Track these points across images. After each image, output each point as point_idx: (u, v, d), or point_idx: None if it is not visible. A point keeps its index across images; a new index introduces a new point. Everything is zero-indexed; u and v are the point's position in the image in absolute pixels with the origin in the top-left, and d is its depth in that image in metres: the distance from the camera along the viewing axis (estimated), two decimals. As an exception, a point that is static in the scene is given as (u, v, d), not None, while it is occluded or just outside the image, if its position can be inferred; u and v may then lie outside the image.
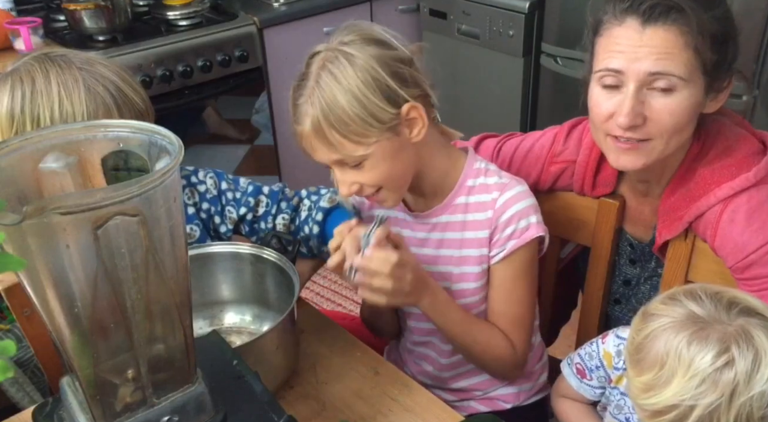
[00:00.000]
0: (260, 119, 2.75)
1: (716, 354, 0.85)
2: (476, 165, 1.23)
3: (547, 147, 1.35)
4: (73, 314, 0.70)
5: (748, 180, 1.11)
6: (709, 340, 0.86)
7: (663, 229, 1.20)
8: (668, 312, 0.92)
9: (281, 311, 1.11)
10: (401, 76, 1.09)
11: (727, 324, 0.88)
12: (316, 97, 1.07)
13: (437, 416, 1.10)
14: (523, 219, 1.18)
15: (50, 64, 1.13)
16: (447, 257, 1.25)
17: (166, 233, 0.71)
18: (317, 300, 2.77)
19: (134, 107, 1.17)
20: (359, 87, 1.06)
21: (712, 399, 0.85)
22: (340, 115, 1.06)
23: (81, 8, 2.33)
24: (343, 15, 2.74)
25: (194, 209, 1.32)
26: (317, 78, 1.08)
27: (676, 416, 0.88)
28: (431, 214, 1.24)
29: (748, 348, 0.85)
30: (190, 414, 0.81)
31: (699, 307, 0.90)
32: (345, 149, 1.09)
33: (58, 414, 0.86)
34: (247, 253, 1.21)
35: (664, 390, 0.88)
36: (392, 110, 1.08)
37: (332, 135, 1.08)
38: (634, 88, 1.07)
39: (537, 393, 1.38)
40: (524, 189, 1.21)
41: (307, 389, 1.15)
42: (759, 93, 2.15)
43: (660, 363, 0.89)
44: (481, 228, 1.21)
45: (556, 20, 2.56)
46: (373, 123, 1.07)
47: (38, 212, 0.62)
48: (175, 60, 2.41)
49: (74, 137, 0.76)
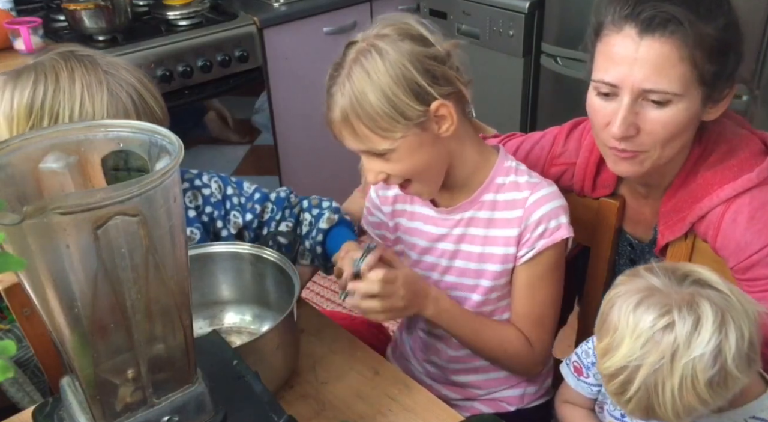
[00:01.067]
0: (260, 119, 2.75)
1: (657, 316, 0.91)
2: (507, 163, 1.23)
3: (547, 149, 1.35)
4: (73, 314, 0.70)
5: (750, 181, 1.11)
6: (653, 304, 0.92)
7: (665, 230, 1.20)
8: (627, 284, 0.98)
9: (281, 311, 1.11)
10: (433, 73, 1.10)
11: (676, 291, 0.93)
12: (347, 89, 1.09)
13: (437, 416, 1.09)
14: (554, 219, 1.19)
15: (76, 64, 1.13)
16: (467, 253, 1.25)
17: (166, 233, 0.71)
18: (317, 300, 2.77)
19: (153, 116, 1.18)
20: (389, 84, 1.07)
21: (654, 359, 0.90)
22: (368, 110, 1.08)
23: (81, 8, 2.33)
24: (343, 15, 2.74)
25: (196, 212, 1.31)
26: (350, 70, 1.10)
27: (625, 377, 0.93)
28: (457, 209, 1.24)
29: (689, 313, 0.90)
30: (190, 414, 0.81)
31: (655, 278, 0.96)
32: (371, 141, 1.11)
33: (58, 414, 0.86)
34: (247, 253, 1.21)
35: (616, 353, 0.93)
36: (420, 107, 1.09)
37: (359, 127, 1.10)
38: (627, 100, 1.07)
39: (541, 396, 1.38)
40: (555, 190, 1.21)
41: (307, 389, 1.15)
42: (759, 93, 2.15)
43: (614, 327, 0.95)
44: (509, 226, 1.21)
45: (556, 20, 2.57)
46: (399, 120, 1.09)
47: (38, 212, 0.62)
48: (175, 60, 2.41)
49: (74, 137, 0.76)
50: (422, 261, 1.30)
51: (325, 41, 2.75)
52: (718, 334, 0.89)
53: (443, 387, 1.36)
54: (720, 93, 1.11)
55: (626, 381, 0.93)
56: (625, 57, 1.07)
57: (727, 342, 0.89)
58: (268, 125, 2.76)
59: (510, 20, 2.66)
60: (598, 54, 1.12)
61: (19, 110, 1.11)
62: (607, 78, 1.09)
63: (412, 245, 1.30)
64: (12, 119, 1.11)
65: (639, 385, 0.91)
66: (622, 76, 1.07)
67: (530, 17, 2.62)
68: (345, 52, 1.13)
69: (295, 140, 2.84)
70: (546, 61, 2.63)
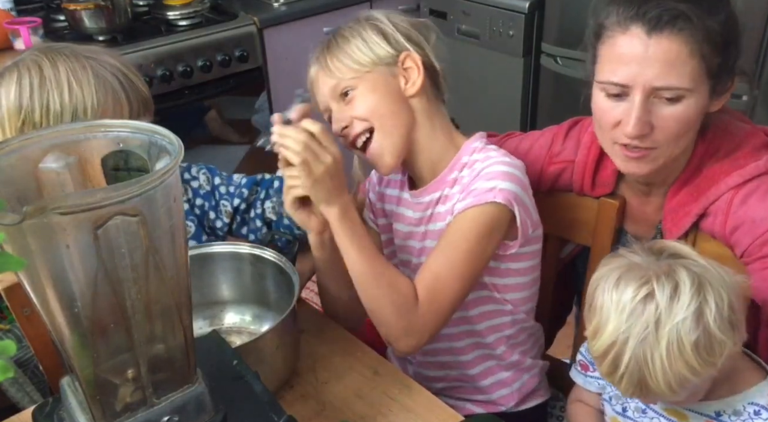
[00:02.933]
0: (260, 119, 2.74)
1: (637, 288, 0.94)
2: (474, 144, 1.22)
3: (546, 148, 1.35)
4: (73, 314, 0.70)
5: (758, 168, 1.12)
6: (632, 278, 0.96)
7: (672, 227, 1.20)
8: (608, 264, 1.01)
9: (281, 311, 1.11)
10: (407, 34, 1.20)
11: (654, 264, 0.97)
12: (325, 40, 1.22)
13: (437, 416, 1.09)
14: (491, 181, 1.13)
15: (56, 54, 1.14)
16: (435, 232, 1.24)
17: (166, 233, 0.71)
18: (317, 300, 2.76)
19: (140, 94, 1.19)
20: (364, 30, 1.20)
21: (639, 330, 0.93)
22: (341, 43, 1.20)
23: (81, 8, 2.33)
24: (343, 15, 2.74)
25: (188, 205, 1.33)
26: (333, 33, 1.23)
27: (615, 353, 0.95)
28: (425, 191, 1.25)
29: (667, 281, 0.94)
30: (190, 414, 0.81)
31: (634, 255, 1.00)
32: (340, 72, 1.19)
33: (58, 414, 0.86)
34: (247, 253, 1.22)
35: (604, 331, 0.96)
36: (389, 48, 1.19)
37: (332, 62, 1.19)
38: (640, 99, 1.07)
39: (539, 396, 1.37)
40: (512, 161, 1.17)
41: (307, 389, 1.15)
42: (759, 93, 2.15)
43: (599, 307, 0.98)
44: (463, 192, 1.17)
45: (556, 20, 2.56)
46: (367, 53, 1.18)
47: (38, 212, 0.62)
48: (175, 60, 2.41)
49: (74, 137, 0.76)
50: (405, 246, 1.30)
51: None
52: (697, 297, 0.92)
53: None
54: (724, 85, 1.12)
55: (616, 357, 0.95)
56: (634, 57, 1.06)
57: (707, 305, 0.92)
58: (268, 125, 2.75)
59: (510, 20, 2.66)
60: (603, 56, 1.12)
61: (9, 108, 1.11)
62: (616, 79, 1.08)
63: (396, 230, 1.32)
64: (2, 118, 1.11)
65: (629, 358, 0.94)
66: (633, 76, 1.07)
67: (530, 17, 2.62)
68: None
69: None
70: (546, 61, 2.63)
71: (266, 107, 2.72)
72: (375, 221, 1.37)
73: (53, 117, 1.11)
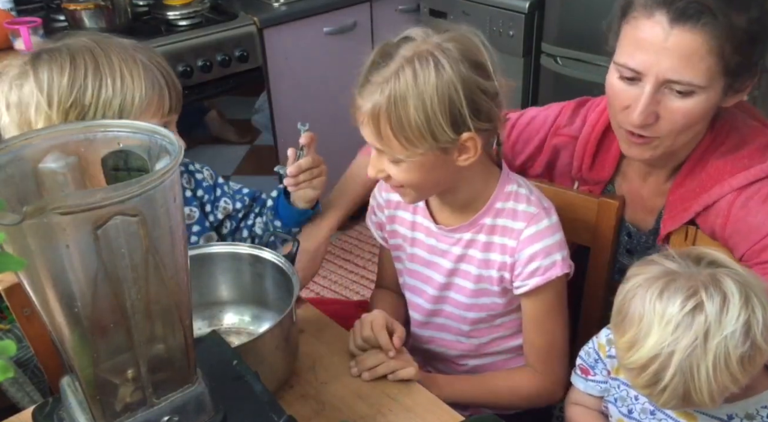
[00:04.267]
0: (260, 119, 2.74)
1: (685, 299, 0.91)
2: (508, 188, 1.21)
3: (552, 118, 1.34)
4: (73, 314, 0.70)
5: (763, 171, 1.11)
6: (678, 288, 0.92)
7: (668, 220, 1.20)
8: (642, 272, 0.98)
9: (280, 311, 1.11)
10: (478, 106, 1.06)
11: (696, 273, 0.93)
12: (390, 88, 1.04)
13: (437, 416, 1.09)
14: (548, 257, 1.18)
15: (107, 43, 1.14)
16: (465, 272, 1.25)
17: (166, 233, 0.71)
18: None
19: (177, 91, 1.20)
20: (432, 101, 1.03)
21: (687, 342, 0.90)
22: (402, 117, 1.04)
23: (81, 8, 2.33)
24: (343, 15, 2.74)
25: (192, 193, 1.36)
26: (399, 68, 1.04)
27: (659, 366, 0.92)
28: (456, 230, 1.23)
29: (715, 292, 0.90)
30: (190, 414, 0.81)
31: (670, 263, 0.96)
32: (390, 146, 1.08)
33: (58, 414, 0.86)
34: (246, 253, 1.21)
35: (645, 343, 0.92)
36: (453, 134, 1.05)
37: (385, 129, 1.06)
38: (650, 89, 1.07)
39: None
40: (552, 223, 1.19)
41: (307, 389, 1.15)
42: (759, 93, 2.15)
43: (638, 318, 0.94)
44: (504, 253, 1.20)
45: (556, 20, 2.56)
46: (427, 138, 1.05)
47: (38, 212, 0.62)
48: (175, 60, 2.41)
49: (74, 137, 0.76)
50: (422, 273, 1.30)
51: (325, 41, 2.75)
52: (745, 310, 0.90)
53: None
54: (742, 83, 1.11)
55: (660, 370, 0.92)
56: (652, 44, 1.05)
57: (754, 317, 0.90)
58: (268, 124, 2.75)
59: (510, 20, 2.66)
60: (624, 36, 1.10)
61: (61, 88, 1.10)
62: (632, 64, 1.08)
63: (412, 255, 1.30)
64: (51, 98, 1.11)
65: (674, 371, 0.91)
66: (648, 65, 1.06)
67: (530, 17, 2.62)
68: (398, 43, 1.07)
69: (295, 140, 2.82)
70: (546, 61, 2.63)
71: (266, 107, 2.72)
72: (386, 239, 1.37)
73: (102, 103, 1.11)
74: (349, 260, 3.00)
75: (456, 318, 1.29)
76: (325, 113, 2.68)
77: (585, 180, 1.33)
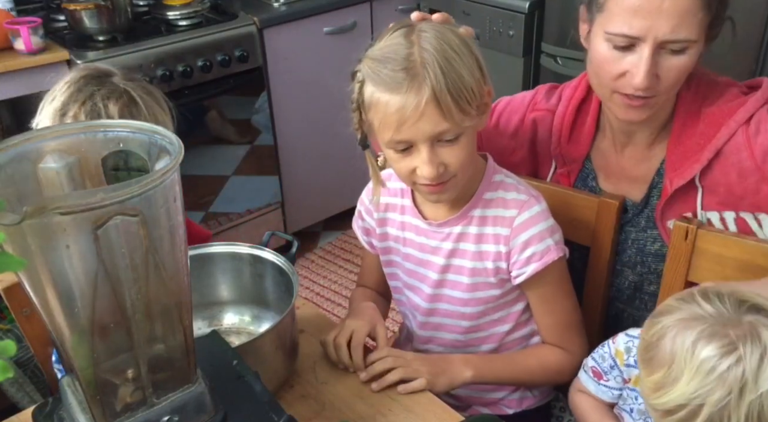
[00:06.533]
0: (260, 119, 2.75)
1: (724, 352, 0.85)
2: (494, 178, 1.22)
3: (529, 97, 1.40)
4: (73, 314, 0.70)
5: (758, 101, 1.16)
6: (716, 338, 0.86)
7: (675, 177, 1.21)
8: (677, 311, 0.92)
9: (280, 311, 1.11)
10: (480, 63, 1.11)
11: (735, 321, 0.87)
12: (430, 58, 1.04)
13: (437, 416, 1.09)
14: (542, 242, 1.18)
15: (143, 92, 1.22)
16: (458, 267, 1.24)
17: (166, 233, 0.71)
18: (317, 300, 2.77)
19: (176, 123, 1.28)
20: (470, 61, 1.07)
21: (720, 396, 0.85)
22: (456, 79, 1.05)
23: (81, 8, 2.33)
24: (343, 15, 2.75)
25: None
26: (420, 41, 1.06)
27: (686, 414, 0.88)
28: (446, 224, 1.23)
29: (755, 346, 0.85)
30: (190, 414, 0.81)
31: (708, 305, 0.90)
32: (454, 119, 1.06)
33: (58, 414, 0.86)
34: (246, 253, 1.21)
35: (673, 389, 0.88)
36: (485, 86, 1.11)
37: (447, 102, 1.04)
38: (648, 52, 1.09)
39: (541, 399, 1.38)
40: (542, 209, 1.20)
41: (307, 389, 1.15)
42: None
43: (669, 361, 0.89)
44: (498, 242, 1.20)
45: (556, 20, 2.56)
46: (476, 94, 1.08)
47: (38, 212, 0.62)
48: (175, 60, 2.41)
49: (74, 137, 0.76)
50: (417, 273, 1.30)
51: (325, 41, 2.75)
52: None
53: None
54: (716, 31, 1.15)
55: (687, 419, 0.88)
56: (650, 11, 1.08)
57: None
58: (268, 124, 2.76)
59: (510, 20, 2.66)
60: (614, 6, 1.12)
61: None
62: (630, 31, 1.09)
63: (405, 255, 1.30)
64: None
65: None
66: (646, 29, 1.08)
67: (530, 17, 2.62)
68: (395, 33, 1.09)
69: (295, 140, 2.83)
70: (546, 61, 2.63)
71: (266, 107, 2.72)
72: (372, 244, 1.36)
73: None
74: (349, 260, 3.00)
75: (453, 315, 1.28)
76: (325, 113, 2.68)
77: (563, 157, 1.35)
